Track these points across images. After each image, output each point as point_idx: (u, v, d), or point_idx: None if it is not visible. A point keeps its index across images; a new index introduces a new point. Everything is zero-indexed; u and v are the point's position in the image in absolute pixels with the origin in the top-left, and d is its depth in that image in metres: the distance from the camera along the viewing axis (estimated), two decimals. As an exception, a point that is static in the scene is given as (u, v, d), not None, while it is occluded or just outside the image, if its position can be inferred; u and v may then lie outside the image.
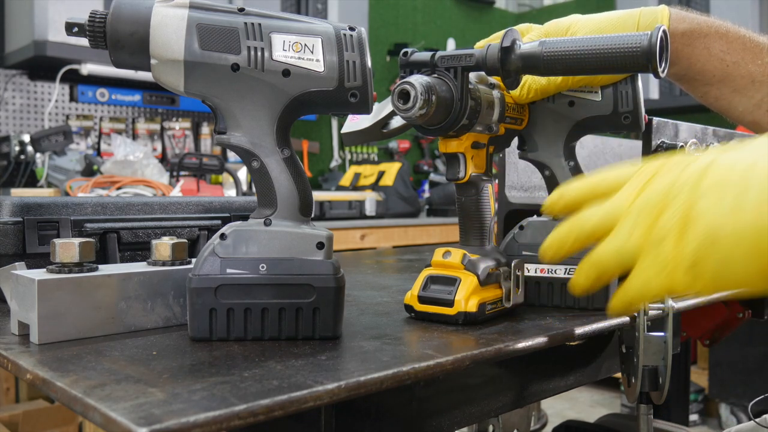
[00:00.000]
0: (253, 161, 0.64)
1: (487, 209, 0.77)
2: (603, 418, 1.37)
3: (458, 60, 0.69)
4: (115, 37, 0.60)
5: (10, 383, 2.18)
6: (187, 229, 0.91)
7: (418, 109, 0.65)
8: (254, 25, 0.61)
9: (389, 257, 1.49)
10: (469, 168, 0.74)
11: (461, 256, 0.73)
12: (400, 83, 0.66)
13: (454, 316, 0.71)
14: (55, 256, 0.64)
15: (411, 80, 0.65)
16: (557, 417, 2.46)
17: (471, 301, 0.71)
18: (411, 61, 0.71)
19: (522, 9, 4.99)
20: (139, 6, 0.60)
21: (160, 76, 0.61)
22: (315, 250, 0.64)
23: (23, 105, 2.80)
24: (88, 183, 2.06)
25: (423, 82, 0.65)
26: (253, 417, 0.45)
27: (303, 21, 0.64)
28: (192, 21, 0.60)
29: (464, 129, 0.72)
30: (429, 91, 0.65)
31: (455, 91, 0.69)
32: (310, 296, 0.63)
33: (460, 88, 0.69)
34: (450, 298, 0.71)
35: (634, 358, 0.80)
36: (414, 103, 0.65)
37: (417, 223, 3.11)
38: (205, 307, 0.62)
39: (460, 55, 0.69)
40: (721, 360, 3.09)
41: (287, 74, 0.62)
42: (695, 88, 0.87)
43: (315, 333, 0.63)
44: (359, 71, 0.63)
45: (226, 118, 0.63)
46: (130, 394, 0.47)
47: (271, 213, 0.64)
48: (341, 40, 0.63)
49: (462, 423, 0.77)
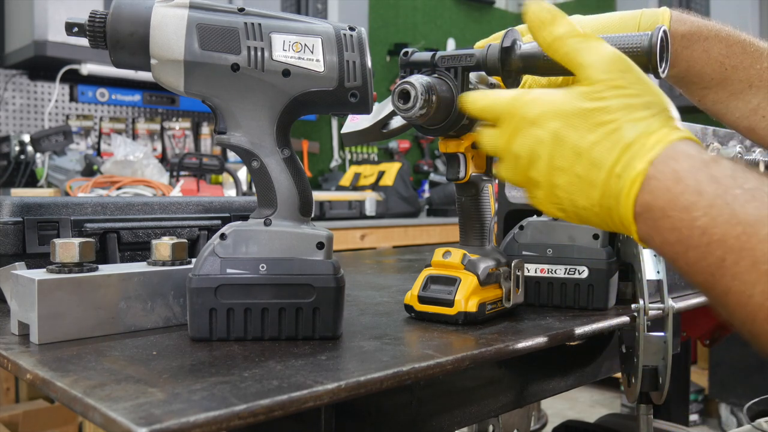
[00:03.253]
0: (253, 161, 0.64)
1: (488, 209, 0.77)
2: (603, 418, 1.37)
3: (458, 60, 0.69)
4: (115, 38, 0.60)
5: (10, 383, 2.18)
6: (187, 229, 0.91)
7: (419, 109, 0.65)
8: (254, 25, 0.61)
9: (389, 257, 1.49)
10: (470, 168, 0.75)
11: (461, 256, 0.73)
12: (400, 83, 0.66)
13: (454, 316, 0.71)
14: (55, 256, 0.64)
15: (411, 80, 0.65)
16: (557, 417, 2.45)
17: (471, 301, 0.71)
18: (411, 61, 0.71)
19: (522, 9, 4.99)
20: (139, 6, 0.60)
21: (160, 77, 0.61)
22: (315, 250, 0.64)
23: (23, 105, 2.80)
24: (88, 183, 2.06)
25: (423, 82, 0.65)
26: (253, 417, 0.45)
27: (303, 21, 0.64)
28: (192, 21, 0.60)
29: (464, 129, 0.72)
30: (429, 91, 0.65)
31: (456, 91, 0.69)
32: (310, 296, 0.63)
33: (460, 88, 0.69)
34: (450, 298, 0.71)
35: (634, 358, 0.80)
36: (414, 103, 0.65)
37: (417, 223, 3.11)
38: (205, 307, 0.62)
39: (460, 55, 0.69)
40: (721, 360, 3.09)
41: (287, 74, 0.62)
42: (693, 92, 0.87)
43: (315, 333, 0.63)
44: (359, 71, 0.63)
45: (226, 118, 0.63)
46: (130, 394, 0.47)
47: (271, 213, 0.64)
48: (341, 40, 0.63)
49: (462, 423, 0.77)
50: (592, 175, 0.53)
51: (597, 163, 0.52)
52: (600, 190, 0.53)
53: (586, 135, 0.53)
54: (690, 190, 0.48)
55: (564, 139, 0.54)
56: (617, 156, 0.51)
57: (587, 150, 0.53)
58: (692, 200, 0.47)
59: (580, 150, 0.53)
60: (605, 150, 0.52)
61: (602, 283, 0.81)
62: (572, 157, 0.53)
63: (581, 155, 0.53)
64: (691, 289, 0.96)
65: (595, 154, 0.52)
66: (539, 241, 0.85)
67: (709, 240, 0.46)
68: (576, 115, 0.54)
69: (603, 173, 0.52)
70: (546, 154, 0.55)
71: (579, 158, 0.53)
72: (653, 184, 0.50)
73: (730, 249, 0.45)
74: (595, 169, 0.52)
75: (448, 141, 0.74)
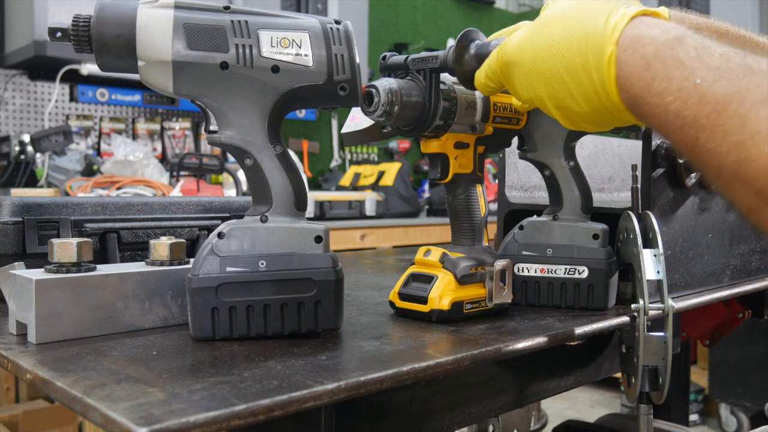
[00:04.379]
0: (246, 159, 0.64)
1: (476, 209, 0.77)
2: (603, 418, 1.37)
3: (426, 62, 0.71)
4: (101, 41, 0.59)
5: (10, 383, 2.18)
6: (187, 229, 0.91)
7: (382, 111, 0.68)
8: (241, 22, 0.61)
9: (389, 257, 1.49)
10: (453, 168, 0.75)
11: (440, 254, 0.74)
12: (367, 86, 0.69)
13: (427, 314, 0.72)
14: (53, 255, 0.64)
15: (376, 83, 0.68)
16: (557, 417, 2.45)
17: (444, 299, 0.71)
18: (388, 65, 0.74)
19: (522, 9, 4.99)
20: (123, 8, 0.59)
21: (148, 78, 0.61)
22: (313, 244, 0.64)
23: (23, 105, 2.80)
24: (88, 183, 2.06)
25: (386, 86, 0.68)
26: (253, 417, 0.45)
27: (289, 17, 0.64)
28: (178, 21, 0.60)
29: (440, 129, 0.73)
30: (391, 94, 0.68)
31: (425, 93, 0.70)
32: (311, 290, 0.63)
33: (428, 90, 0.70)
34: (424, 296, 0.72)
35: (634, 358, 0.80)
36: (377, 106, 0.68)
37: (417, 223, 3.11)
38: (207, 307, 0.62)
39: (427, 57, 0.71)
40: (721, 360, 3.09)
41: (276, 70, 0.62)
42: None
43: (318, 326, 0.64)
44: (347, 64, 0.64)
45: (217, 117, 0.63)
46: (130, 394, 0.47)
47: (267, 209, 0.64)
48: (328, 34, 0.63)
49: (462, 423, 0.77)
50: (576, 72, 0.56)
51: (572, 60, 0.56)
52: (588, 85, 0.55)
53: (556, 33, 0.57)
54: (660, 76, 0.50)
55: (537, 45, 0.58)
56: (585, 46, 0.55)
57: (561, 48, 0.57)
58: (663, 86, 0.50)
59: (554, 49, 0.57)
60: (575, 42, 0.56)
61: (602, 282, 0.81)
62: (555, 59, 0.57)
63: (559, 55, 0.57)
64: (691, 289, 0.96)
65: (566, 48, 0.56)
66: (539, 241, 0.85)
67: (683, 122, 0.49)
68: (541, 24, 0.59)
69: (583, 71, 0.55)
70: (529, 61, 0.59)
71: (561, 59, 0.57)
72: (626, 70, 0.53)
73: (702, 128, 0.48)
74: (575, 67, 0.56)
75: (430, 141, 0.75)
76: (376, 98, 0.68)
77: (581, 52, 0.55)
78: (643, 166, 0.89)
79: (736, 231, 1.06)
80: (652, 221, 0.81)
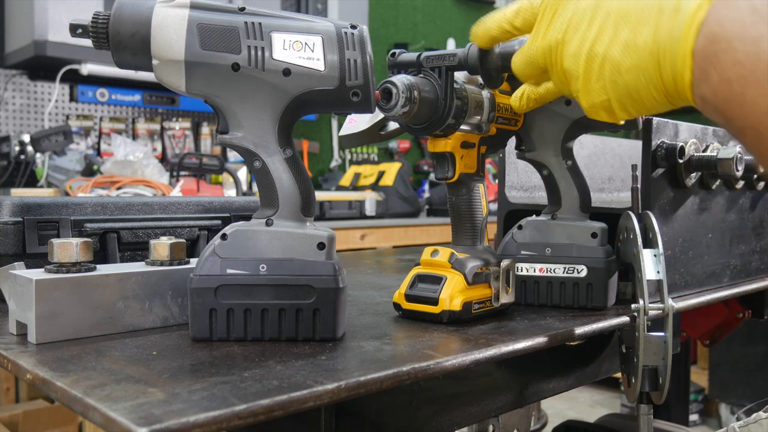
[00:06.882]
0: (255, 161, 0.64)
1: (479, 209, 0.77)
2: (603, 418, 1.37)
3: (442, 60, 0.70)
4: (117, 39, 0.60)
5: (10, 383, 2.18)
6: (187, 229, 0.91)
7: (401, 107, 0.66)
8: (254, 24, 0.61)
9: (389, 257, 1.49)
10: (459, 167, 0.75)
11: (449, 255, 0.73)
12: (382, 82, 0.67)
13: (438, 315, 0.71)
14: (53, 255, 0.64)
15: (393, 79, 0.67)
16: (557, 417, 2.45)
17: (456, 299, 0.71)
18: (398, 62, 0.73)
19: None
20: (140, 7, 0.60)
21: (162, 77, 0.61)
22: (316, 250, 0.64)
23: (23, 105, 2.80)
24: (88, 183, 2.06)
25: (405, 81, 0.66)
26: (253, 417, 0.45)
27: (304, 20, 0.63)
28: (193, 21, 0.60)
29: (450, 128, 0.73)
30: (411, 90, 0.67)
31: (439, 90, 0.70)
32: (310, 297, 0.63)
33: (444, 88, 0.70)
34: (435, 297, 0.72)
35: (634, 358, 0.80)
36: (396, 101, 0.66)
37: (417, 223, 3.11)
38: (205, 307, 0.62)
39: (444, 55, 0.70)
40: (721, 360, 3.09)
41: (288, 73, 0.62)
42: None
43: (315, 334, 0.63)
44: (360, 70, 0.63)
45: (228, 117, 0.63)
46: (130, 394, 0.47)
47: (273, 213, 0.64)
48: (342, 38, 0.63)
49: (462, 423, 0.77)
50: (644, 14, 0.50)
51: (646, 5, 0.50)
52: (653, 27, 0.50)
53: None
54: (764, 20, 0.44)
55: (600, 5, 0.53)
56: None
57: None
58: (763, 31, 0.44)
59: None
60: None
61: (601, 281, 0.81)
62: (614, 14, 0.52)
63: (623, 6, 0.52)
64: (691, 289, 0.96)
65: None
66: (538, 241, 0.85)
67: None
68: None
69: (653, 13, 0.50)
70: (584, 23, 0.54)
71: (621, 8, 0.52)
72: (722, 13, 0.46)
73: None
74: (646, 10, 0.50)
75: (437, 140, 0.74)
76: (395, 91, 0.66)
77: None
78: (643, 166, 0.89)
79: (736, 231, 1.06)
80: (652, 221, 0.81)
